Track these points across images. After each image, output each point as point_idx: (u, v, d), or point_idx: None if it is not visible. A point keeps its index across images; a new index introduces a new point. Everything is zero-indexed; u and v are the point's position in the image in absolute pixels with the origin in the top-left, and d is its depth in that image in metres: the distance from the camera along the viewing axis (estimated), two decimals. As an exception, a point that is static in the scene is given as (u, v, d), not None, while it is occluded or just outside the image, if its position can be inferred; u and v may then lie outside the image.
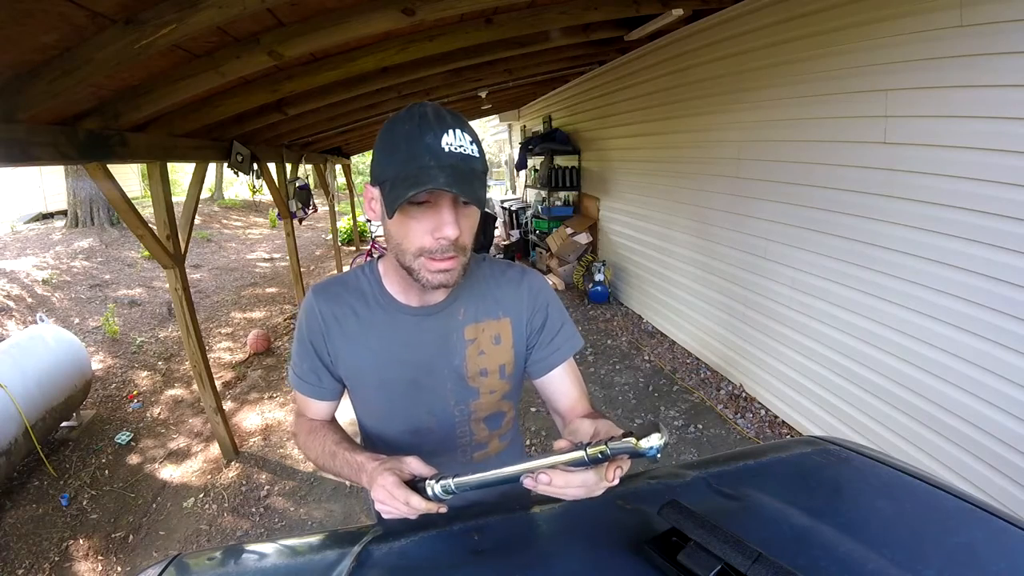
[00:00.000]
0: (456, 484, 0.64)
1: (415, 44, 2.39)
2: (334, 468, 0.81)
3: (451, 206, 0.71)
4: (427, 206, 0.71)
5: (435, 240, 0.71)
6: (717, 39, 3.28)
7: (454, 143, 0.69)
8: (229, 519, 2.64)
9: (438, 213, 0.71)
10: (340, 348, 0.86)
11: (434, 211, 0.71)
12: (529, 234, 7.51)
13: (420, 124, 0.69)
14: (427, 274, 0.74)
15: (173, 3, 1.35)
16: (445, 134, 0.69)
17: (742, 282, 3.36)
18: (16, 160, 1.65)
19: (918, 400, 2.21)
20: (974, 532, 0.64)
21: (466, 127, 0.72)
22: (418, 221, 0.72)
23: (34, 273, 6.38)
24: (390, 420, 0.90)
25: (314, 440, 0.86)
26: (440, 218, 0.70)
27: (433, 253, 0.72)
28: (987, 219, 1.86)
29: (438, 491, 0.65)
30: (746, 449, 0.95)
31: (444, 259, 0.72)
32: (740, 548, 0.53)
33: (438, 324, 0.86)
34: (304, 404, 0.92)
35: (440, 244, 0.71)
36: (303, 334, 0.88)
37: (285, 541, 0.80)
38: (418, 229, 0.72)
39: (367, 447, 0.96)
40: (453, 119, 0.71)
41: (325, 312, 0.86)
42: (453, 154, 0.68)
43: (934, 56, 1.96)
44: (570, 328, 0.93)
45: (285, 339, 5.15)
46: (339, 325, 0.86)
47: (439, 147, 0.68)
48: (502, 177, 12.99)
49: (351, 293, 0.87)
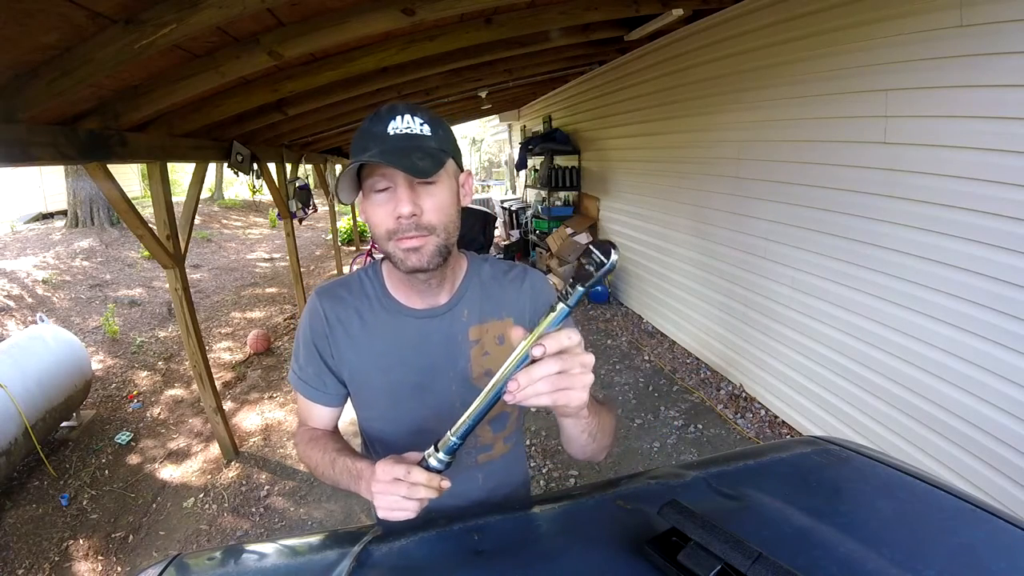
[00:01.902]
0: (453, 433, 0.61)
1: (415, 44, 2.40)
2: (334, 476, 0.79)
3: (405, 185, 0.72)
4: (388, 191, 0.74)
5: (396, 221, 0.73)
6: (717, 39, 3.28)
7: (400, 126, 0.72)
8: (229, 519, 2.64)
9: (393, 193, 0.73)
10: (344, 351, 0.86)
11: (391, 193, 0.74)
12: (529, 234, 7.51)
13: (372, 119, 0.74)
14: (400, 255, 0.76)
15: (173, 3, 1.35)
16: (393, 120, 0.72)
17: (742, 282, 3.36)
18: (16, 160, 1.65)
19: (918, 400, 2.21)
20: (974, 532, 0.64)
21: (419, 112, 0.74)
22: (380, 205, 0.74)
23: (34, 273, 6.38)
24: (394, 423, 0.90)
25: (315, 449, 0.85)
26: (395, 197, 0.73)
27: (397, 234, 0.74)
28: (987, 219, 1.86)
29: (441, 456, 0.63)
30: (746, 449, 0.95)
31: (408, 237, 0.74)
32: (740, 548, 0.52)
33: (442, 326, 0.86)
34: (307, 411, 0.91)
35: (401, 224, 0.73)
36: (307, 337, 0.87)
37: (285, 541, 0.80)
38: (381, 213, 0.74)
39: (369, 451, 0.96)
40: (406, 108, 0.74)
41: (329, 315, 0.86)
42: (398, 135, 0.72)
43: (934, 56, 1.96)
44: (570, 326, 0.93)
45: (285, 339, 5.15)
46: (343, 328, 0.86)
47: (384, 132, 0.72)
48: (502, 177, 12.99)
49: (355, 296, 0.87)
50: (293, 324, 5.57)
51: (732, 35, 3.13)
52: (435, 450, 0.63)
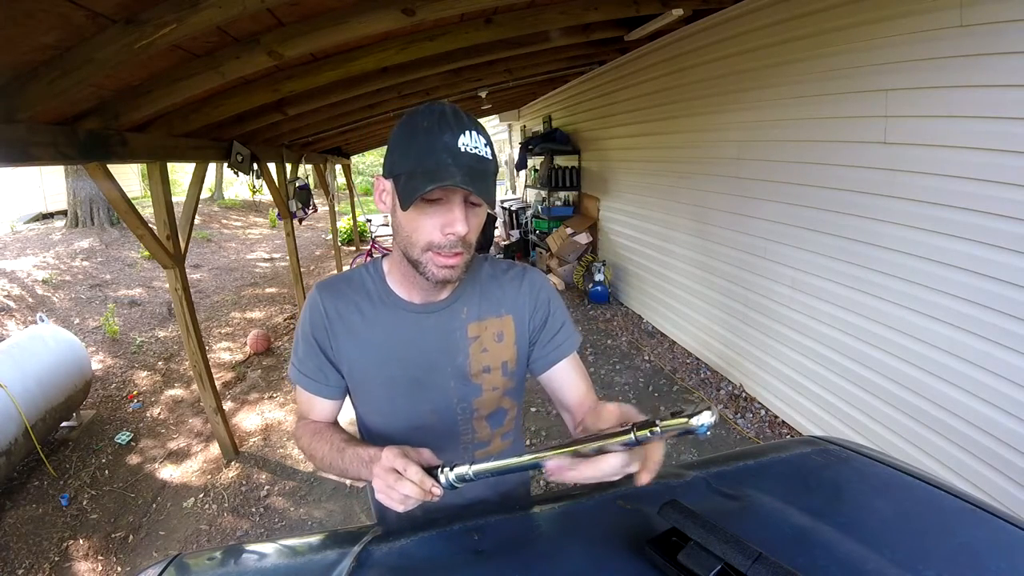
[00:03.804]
0: (474, 471, 0.61)
1: (415, 44, 2.39)
2: (342, 465, 0.77)
3: (462, 204, 0.73)
4: (439, 202, 0.73)
5: (444, 236, 0.74)
6: (717, 39, 3.28)
7: (470, 144, 0.71)
8: (229, 519, 2.64)
9: (449, 210, 0.73)
10: (343, 344, 0.86)
11: (445, 207, 0.73)
12: (529, 234, 7.51)
13: (439, 122, 0.72)
14: (433, 268, 0.76)
15: (173, 3, 1.34)
16: (463, 135, 0.71)
17: (742, 282, 3.36)
18: (16, 160, 1.65)
19: (918, 400, 2.21)
20: (974, 532, 0.64)
21: (481, 130, 0.74)
22: (429, 216, 0.74)
23: (34, 273, 6.38)
24: (392, 417, 0.90)
25: (320, 441, 0.83)
26: (451, 215, 0.73)
27: (441, 248, 0.74)
28: (987, 219, 1.86)
29: (452, 478, 0.62)
30: (746, 449, 0.95)
31: (451, 255, 0.75)
32: (740, 548, 0.53)
33: (441, 322, 0.87)
34: (307, 405, 0.91)
35: (449, 240, 0.74)
36: (307, 331, 0.88)
37: (285, 541, 0.80)
38: (428, 224, 0.74)
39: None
40: (470, 121, 0.74)
41: (329, 308, 0.86)
42: (469, 154, 0.71)
43: (934, 56, 1.96)
44: (571, 325, 0.94)
45: (285, 339, 5.15)
46: (343, 321, 0.86)
47: (456, 146, 0.70)
48: (502, 177, 12.99)
49: (355, 290, 0.88)
50: (293, 324, 5.57)
51: (732, 35, 3.13)
52: (450, 469, 0.63)
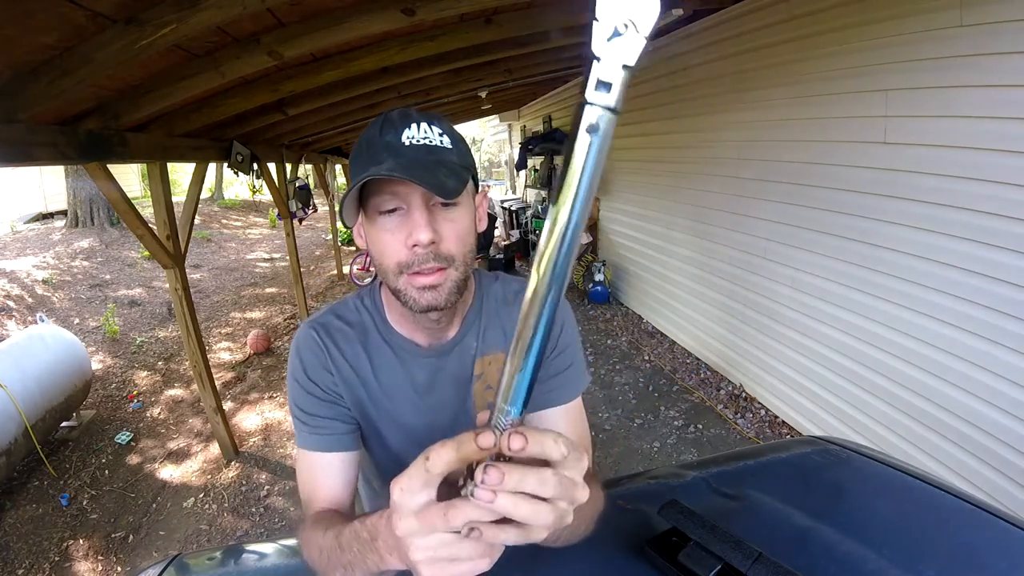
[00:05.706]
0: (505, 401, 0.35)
1: (415, 44, 2.39)
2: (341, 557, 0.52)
3: (422, 207, 0.60)
4: (398, 213, 0.61)
5: (410, 250, 0.61)
6: (717, 39, 3.28)
7: (417, 135, 0.62)
8: (229, 519, 2.64)
9: (408, 216, 0.61)
10: (345, 391, 0.75)
11: (405, 216, 0.61)
12: (529, 234, 7.51)
13: (383, 125, 0.64)
14: (413, 293, 0.63)
15: (173, 3, 1.34)
16: (407, 128, 0.62)
17: (742, 282, 3.36)
18: (16, 160, 1.65)
19: (918, 400, 2.21)
20: (974, 532, 0.64)
21: (436, 121, 0.64)
22: (390, 232, 0.62)
23: (34, 273, 6.37)
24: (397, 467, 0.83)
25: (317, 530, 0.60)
26: (410, 221, 0.60)
27: (411, 267, 0.62)
28: (987, 219, 1.86)
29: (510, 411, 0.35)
30: (746, 449, 0.95)
31: (426, 272, 0.62)
32: (740, 548, 0.53)
33: (451, 364, 0.77)
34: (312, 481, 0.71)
35: (417, 254, 0.61)
36: (303, 377, 0.73)
37: (285, 541, 0.80)
38: (392, 241, 0.62)
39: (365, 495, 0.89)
40: (420, 116, 0.64)
41: (330, 347, 0.74)
42: (415, 146, 0.61)
43: (934, 56, 1.96)
44: (575, 371, 0.79)
45: (285, 339, 5.15)
46: (347, 363, 0.75)
47: (398, 142, 0.61)
48: (502, 177, 12.98)
49: (354, 328, 0.76)
50: (293, 324, 5.57)
51: (732, 35, 3.13)
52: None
